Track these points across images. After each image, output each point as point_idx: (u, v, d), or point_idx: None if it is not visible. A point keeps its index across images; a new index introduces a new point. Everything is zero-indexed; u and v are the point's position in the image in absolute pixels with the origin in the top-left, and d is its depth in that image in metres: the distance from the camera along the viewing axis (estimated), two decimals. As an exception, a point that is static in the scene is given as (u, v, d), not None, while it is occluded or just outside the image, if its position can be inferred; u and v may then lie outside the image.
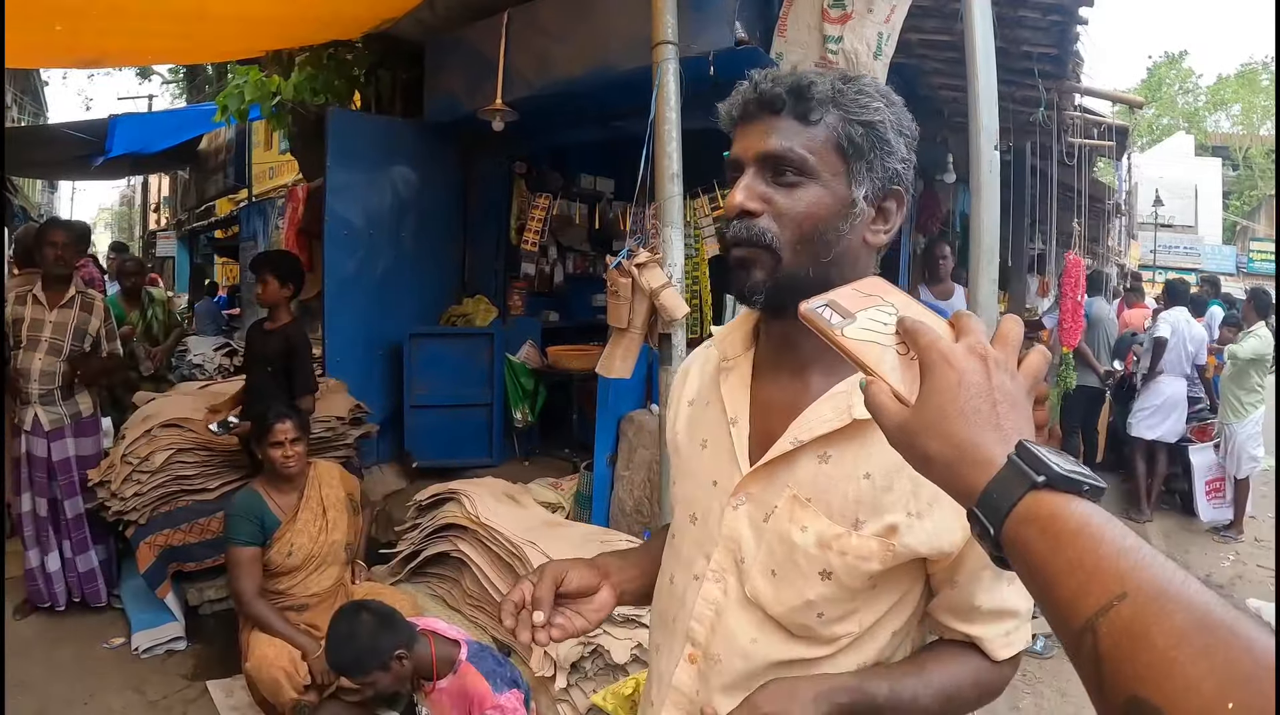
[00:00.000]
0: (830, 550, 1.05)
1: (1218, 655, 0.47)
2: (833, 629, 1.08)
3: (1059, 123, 5.71)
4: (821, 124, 1.06)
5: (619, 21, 4.03)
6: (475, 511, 3.50)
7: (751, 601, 1.11)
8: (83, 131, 10.40)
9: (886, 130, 1.07)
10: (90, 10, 4.15)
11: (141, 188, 24.93)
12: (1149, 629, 0.50)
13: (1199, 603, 0.50)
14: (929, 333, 0.69)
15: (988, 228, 3.12)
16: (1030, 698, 4.07)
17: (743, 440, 1.14)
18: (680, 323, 3.10)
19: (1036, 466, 0.60)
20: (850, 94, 1.07)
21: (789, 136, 1.06)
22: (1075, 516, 0.58)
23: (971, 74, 3.08)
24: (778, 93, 1.06)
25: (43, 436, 4.32)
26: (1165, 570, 0.53)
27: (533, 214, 5.87)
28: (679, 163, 3.18)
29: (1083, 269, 6.41)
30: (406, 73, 5.77)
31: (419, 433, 5.49)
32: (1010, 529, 0.60)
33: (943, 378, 0.66)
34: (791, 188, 1.06)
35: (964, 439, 0.64)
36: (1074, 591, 0.55)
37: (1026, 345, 0.71)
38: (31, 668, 3.89)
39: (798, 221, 1.06)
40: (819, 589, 1.06)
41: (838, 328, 0.74)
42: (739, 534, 1.12)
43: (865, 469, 1.04)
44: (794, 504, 1.08)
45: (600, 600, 1.23)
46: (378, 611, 2.73)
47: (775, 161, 1.06)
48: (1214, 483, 7.10)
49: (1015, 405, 0.66)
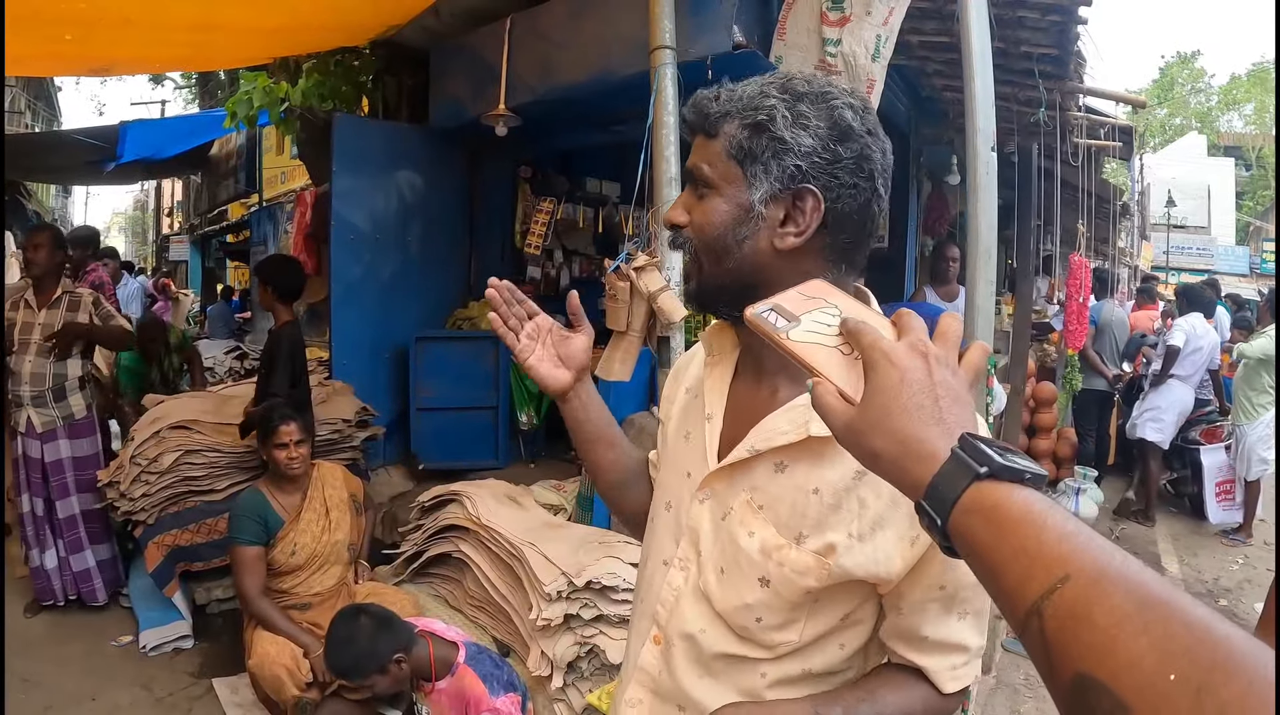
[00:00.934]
0: (770, 559, 1.07)
1: (1157, 630, 0.49)
2: (771, 636, 1.10)
3: (1062, 123, 5.70)
4: (720, 136, 1.09)
5: (619, 27, 4.05)
6: (476, 513, 3.52)
7: (703, 594, 1.14)
8: (95, 137, 10.50)
9: (779, 128, 1.03)
10: (100, 21, 4.21)
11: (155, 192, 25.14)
12: (1091, 609, 0.52)
13: (1137, 581, 0.52)
14: (870, 332, 0.71)
15: (985, 229, 3.13)
16: (1032, 702, 4.05)
17: (714, 437, 1.17)
18: (679, 325, 3.12)
19: (979, 458, 0.62)
20: (745, 98, 1.07)
21: (700, 153, 1.12)
22: (1018, 504, 0.60)
23: (968, 76, 3.09)
24: (690, 117, 1.13)
25: (36, 438, 4.37)
26: (1105, 552, 0.55)
27: (537, 218, 5.90)
28: (677, 167, 3.20)
29: (1088, 270, 6.39)
30: (412, 79, 5.80)
31: (425, 435, 5.52)
32: (956, 519, 0.63)
33: (885, 376, 0.68)
34: (700, 199, 1.12)
35: (908, 434, 0.67)
36: (1019, 577, 0.57)
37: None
38: (40, 665, 3.93)
39: (701, 230, 1.11)
40: (757, 594, 1.08)
41: (783, 331, 0.76)
42: (701, 527, 1.16)
43: (816, 484, 1.05)
44: (747, 508, 1.10)
45: (560, 374, 1.32)
46: (376, 615, 2.74)
47: (693, 179, 1.13)
48: (1224, 484, 7.05)
49: (957, 400, 0.69)
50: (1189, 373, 7.06)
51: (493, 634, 3.34)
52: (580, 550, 3.09)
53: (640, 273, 3.07)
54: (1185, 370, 7.04)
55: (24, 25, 4.09)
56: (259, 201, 12.66)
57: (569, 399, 1.33)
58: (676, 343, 3.15)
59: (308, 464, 3.62)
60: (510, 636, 3.24)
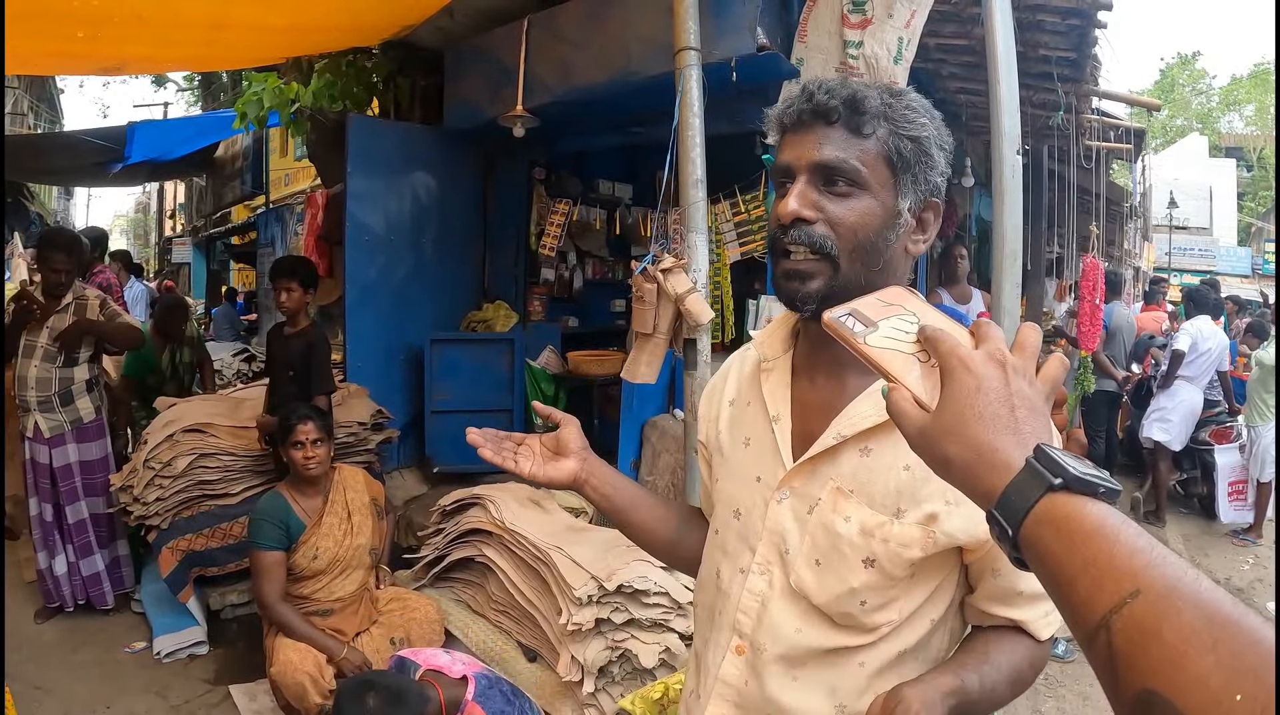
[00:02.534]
0: (873, 538, 1.09)
1: (1225, 649, 0.49)
2: (874, 617, 1.12)
3: (1076, 126, 5.69)
4: (873, 137, 1.10)
5: (639, 28, 4.04)
6: (500, 516, 3.51)
7: (796, 591, 1.15)
8: (101, 138, 10.48)
9: (930, 145, 1.12)
10: (112, 18, 4.18)
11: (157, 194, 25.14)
12: (1160, 625, 0.52)
13: (1208, 600, 0.52)
14: (949, 340, 0.71)
15: (1010, 232, 3.11)
16: (1052, 701, 4.05)
17: (785, 436, 1.19)
18: (705, 328, 3.10)
19: (1053, 469, 0.62)
20: (899, 109, 1.11)
21: (843, 147, 1.09)
22: (1091, 517, 0.59)
23: (993, 79, 3.07)
24: (833, 104, 1.09)
25: (44, 443, 4.35)
26: (1177, 569, 0.55)
27: (551, 219, 5.87)
28: (703, 168, 3.19)
29: (1101, 272, 6.36)
30: (425, 79, 5.79)
31: (440, 438, 5.50)
32: (1028, 530, 0.62)
33: (962, 383, 0.69)
34: (844, 197, 1.10)
35: (983, 442, 0.67)
36: (1089, 590, 0.57)
37: (1045, 351, 0.72)
38: (53, 672, 3.91)
39: (853, 230, 1.10)
40: (862, 576, 1.10)
41: (860, 336, 0.77)
42: (783, 527, 1.17)
43: (905, 461, 1.08)
44: (837, 495, 1.12)
45: (563, 467, 1.31)
46: (386, 692, 2.51)
47: (829, 171, 1.10)
48: (1236, 485, 7.05)
49: (1034, 410, 0.69)
50: (1197, 374, 7.05)
51: (518, 639, 3.33)
52: (608, 553, 3.07)
53: (667, 274, 3.05)
54: (1193, 372, 7.02)
55: (35, 23, 4.07)
56: (265, 203, 12.64)
57: (584, 481, 1.33)
58: (703, 345, 3.12)
59: (327, 465, 3.58)
60: (536, 641, 3.22)
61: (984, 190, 7.08)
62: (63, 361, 4.35)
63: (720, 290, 4.76)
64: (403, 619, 3.53)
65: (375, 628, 3.53)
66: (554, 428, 1.36)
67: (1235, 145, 32.70)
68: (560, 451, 1.32)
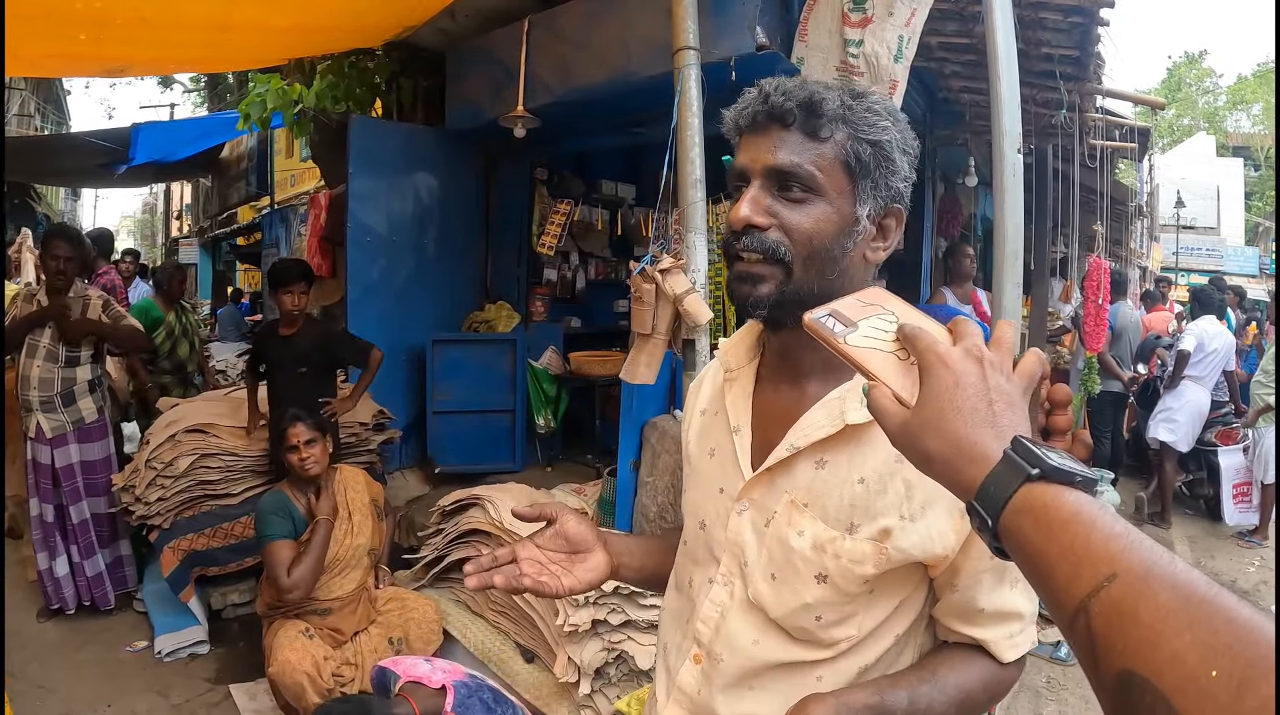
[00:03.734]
0: (825, 553, 1.07)
1: (1201, 628, 0.50)
2: (831, 632, 1.09)
3: (1080, 125, 5.67)
4: (830, 141, 1.06)
5: (639, 28, 4.03)
6: (499, 517, 3.50)
7: (754, 604, 1.13)
8: (106, 139, 10.49)
9: (892, 149, 1.08)
10: (115, 20, 4.18)
11: (164, 195, 25.24)
12: (1136, 607, 0.54)
13: (1184, 580, 0.53)
14: (926, 337, 0.73)
15: (1012, 231, 3.10)
16: (1054, 705, 4.03)
17: (745, 448, 1.17)
18: (704, 329, 3.09)
19: (1031, 460, 0.63)
20: (859, 111, 1.07)
21: (798, 151, 1.06)
22: (1068, 506, 0.61)
23: (994, 76, 3.06)
24: (789, 106, 1.06)
25: (46, 443, 4.36)
26: (1152, 552, 0.56)
27: (553, 219, 5.87)
28: (702, 168, 3.18)
29: (1106, 272, 6.34)
30: (427, 80, 5.79)
31: (441, 438, 5.51)
32: (1007, 520, 0.64)
33: (940, 379, 0.70)
34: (799, 203, 1.07)
35: (962, 436, 0.68)
36: (1067, 576, 0.58)
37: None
38: (54, 671, 3.93)
39: (808, 237, 1.06)
40: (816, 592, 1.08)
41: (841, 336, 0.78)
42: (742, 539, 1.15)
43: (859, 473, 1.06)
44: (792, 509, 1.10)
45: (595, 562, 1.22)
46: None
47: (783, 176, 1.07)
48: (1241, 486, 7.03)
49: (1011, 404, 0.70)
50: (1203, 375, 7.03)
51: (515, 639, 3.32)
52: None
53: (666, 275, 3.04)
54: (1200, 372, 7.00)
55: (37, 25, 4.07)
56: (270, 204, 12.66)
57: (617, 569, 1.27)
58: (701, 346, 3.12)
59: (325, 462, 3.57)
60: (534, 642, 3.22)
61: (988, 190, 7.07)
62: (65, 361, 4.36)
63: (721, 291, 4.74)
64: (401, 619, 3.53)
65: (374, 627, 3.53)
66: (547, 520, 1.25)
67: (1242, 144, 32.55)
68: (576, 546, 1.22)
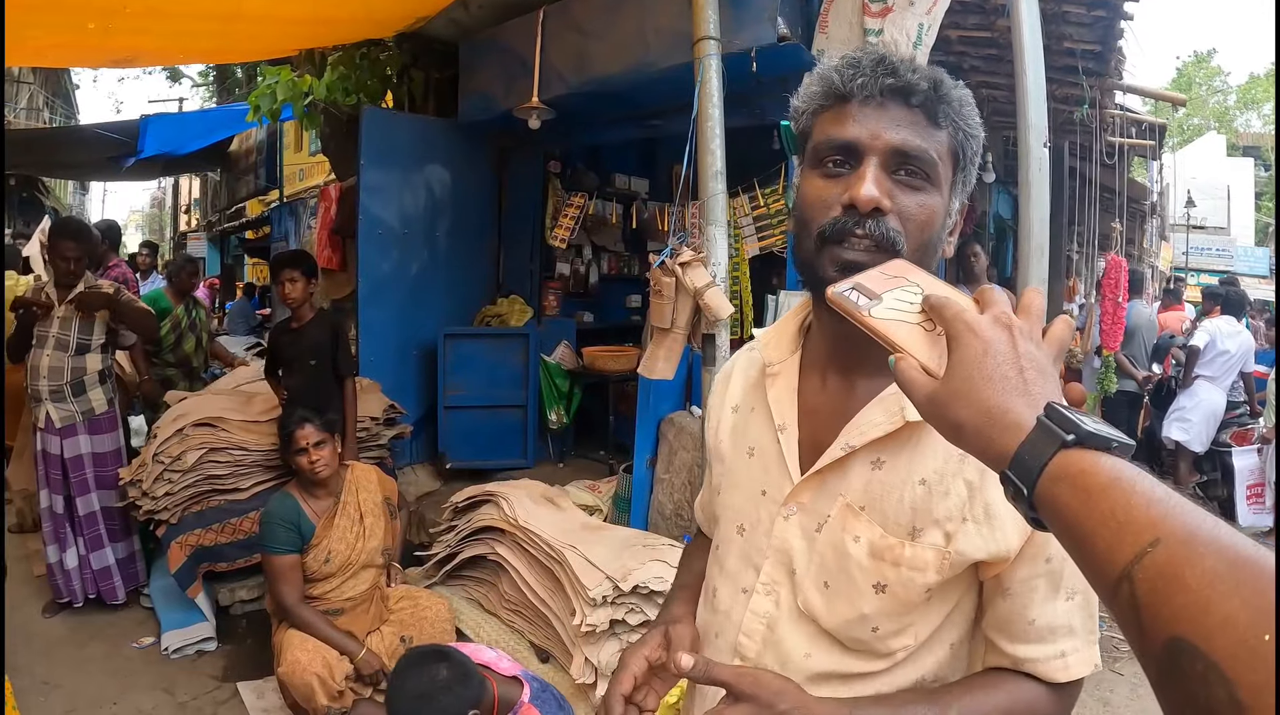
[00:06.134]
0: (884, 561, 0.99)
1: (1249, 590, 0.49)
2: (889, 643, 1.02)
3: (1100, 121, 5.61)
4: (945, 129, 1.00)
5: (657, 18, 3.98)
6: (514, 514, 3.45)
7: (805, 614, 1.06)
8: (115, 132, 10.49)
9: (980, 143, 1.05)
10: (124, 10, 4.15)
11: (172, 189, 25.24)
12: (1182, 571, 0.52)
13: (1228, 543, 0.52)
14: (953, 306, 0.71)
15: (1038, 225, 3.05)
16: (1073, 708, 3.97)
17: (792, 448, 1.09)
18: (724, 323, 3.05)
19: (1066, 426, 0.62)
20: (967, 102, 1.02)
21: (923, 135, 0.98)
22: (1106, 471, 0.59)
23: (1019, 70, 3.01)
24: (918, 83, 0.97)
25: (55, 434, 4.32)
26: (1195, 516, 0.55)
27: (567, 212, 5.84)
28: (722, 160, 3.13)
29: (1124, 270, 6.28)
30: (439, 72, 5.75)
31: (453, 434, 5.47)
32: (1043, 488, 0.62)
33: (969, 347, 0.68)
34: (915, 190, 0.99)
35: (993, 405, 0.66)
36: (1109, 543, 0.57)
37: None
38: (60, 667, 3.89)
39: (920, 228, 0.99)
40: (873, 603, 1.01)
41: (865, 309, 0.76)
42: (790, 545, 1.07)
43: (920, 474, 0.99)
44: (847, 513, 1.02)
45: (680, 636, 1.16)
46: (454, 665, 2.45)
47: (904, 158, 0.98)
48: (1255, 487, 6.96)
49: (1042, 371, 0.68)
50: (1217, 374, 6.95)
51: (530, 638, 3.28)
52: (624, 553, 3.02)
53: (686, 268, 2.99)
54: (1213, 371, 6.93)
55: (45, 14, 4.05)
56: (279, 198, 12.63)
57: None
58: (721, 340, 3.07)
59: (334, 464, 3.49)
60: (549, 642, 3.17)
61: (1002, 187, 7.01)
62: (75, 350, 4.32)
63: (739, 285, 4.70)
64: (413, 617, 3.47)
65: (386, 626, 3.47)
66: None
67: (1253, 144, 32.43)
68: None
